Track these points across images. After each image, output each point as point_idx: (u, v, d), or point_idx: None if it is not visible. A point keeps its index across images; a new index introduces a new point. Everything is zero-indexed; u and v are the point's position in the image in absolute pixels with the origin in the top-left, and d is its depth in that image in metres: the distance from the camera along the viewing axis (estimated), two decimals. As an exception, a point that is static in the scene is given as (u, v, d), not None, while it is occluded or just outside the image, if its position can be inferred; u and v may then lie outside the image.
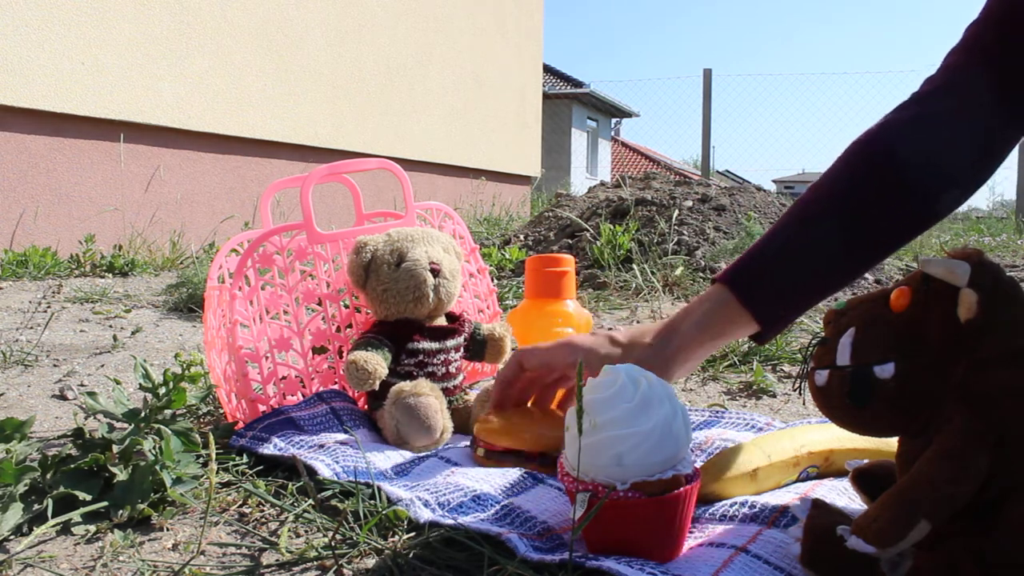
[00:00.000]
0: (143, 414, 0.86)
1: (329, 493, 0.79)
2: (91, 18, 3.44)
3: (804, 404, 1.23)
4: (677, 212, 3.07)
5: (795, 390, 1.14)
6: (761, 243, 0.77)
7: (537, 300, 1.13)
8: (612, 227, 2.88)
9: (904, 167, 0.72)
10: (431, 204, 1.22)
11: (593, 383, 0.65)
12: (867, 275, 2.84)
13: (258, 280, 1.04)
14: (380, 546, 0.67)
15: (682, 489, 0.62)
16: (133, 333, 1.80)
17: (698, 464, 0.78)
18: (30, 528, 0.72)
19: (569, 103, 15.63)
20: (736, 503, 0.72)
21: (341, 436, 0.94)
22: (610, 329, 0.77)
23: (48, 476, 0.77)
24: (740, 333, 0.77)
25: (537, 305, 1.13)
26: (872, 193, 0.73)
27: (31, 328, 1.82)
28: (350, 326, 1.13)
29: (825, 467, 0.80)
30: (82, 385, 1.32)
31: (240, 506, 0.79)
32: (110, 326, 1.90)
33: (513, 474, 0.82)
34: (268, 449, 0.90)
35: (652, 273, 2.54)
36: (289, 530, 0.72)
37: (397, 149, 5.40)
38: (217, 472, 0.85)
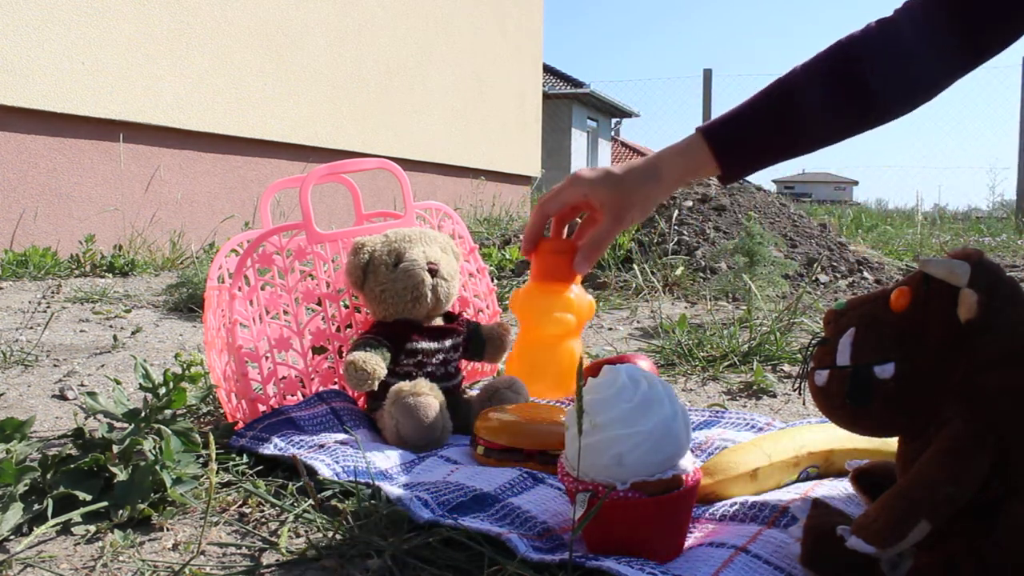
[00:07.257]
0: (143, 414, 0.86)
1: (329, 493, 0.79)
2: (91, 18, 3.44)
3: (804, 404, 1.23)
4: (677, 212, 3.07)
5: (795, 390, 1.14)
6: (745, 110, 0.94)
7: (541, 284, 1.09)
8: (612, 227, 2.87)
9: (870, 75, 0.89)
10: (430, 204, 1.22)
11: (593, 383, 0.65)
12: (867, 275, 2.84)
13: (258, 280, 1.04)
14: (380, 546, 0.67)
15: (682, 489, 0.62)
16: (133, 333, 1.80)
17: (698, 464, 0.78)
18: (30, 528, 0.72)
19: (569, 103, 15.62)
20: (736, 503, 0.72)
21: (341, 436, 0.94)
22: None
23: (48, 476, 0.77)
24: (705, 175, 0.98)
25: (541, 288, 1.09)
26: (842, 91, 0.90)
27: (31, 328, 1.82)
28: (350, 326, 1.13)
29: (825, 467, 0.80)
30: (82, 385, 1.32)
31: (240, 506, 0.79)
32: (110, 326, 1.90)
33: (513, 474, 0.82)
34: (268, 449, 0.90)
35: (652, 273, 2.54)
36: (289, 530, 0.72)
37: (397, 149, 5.39)
38: (217, 472, 0.84)
